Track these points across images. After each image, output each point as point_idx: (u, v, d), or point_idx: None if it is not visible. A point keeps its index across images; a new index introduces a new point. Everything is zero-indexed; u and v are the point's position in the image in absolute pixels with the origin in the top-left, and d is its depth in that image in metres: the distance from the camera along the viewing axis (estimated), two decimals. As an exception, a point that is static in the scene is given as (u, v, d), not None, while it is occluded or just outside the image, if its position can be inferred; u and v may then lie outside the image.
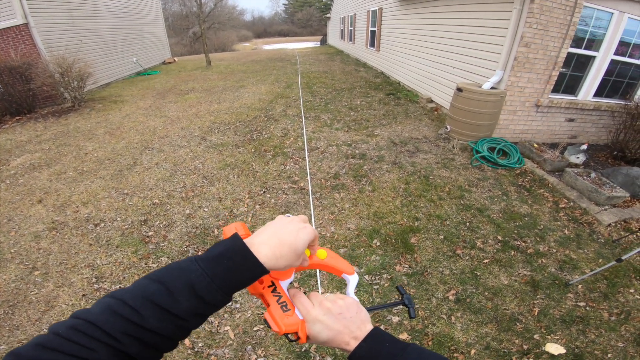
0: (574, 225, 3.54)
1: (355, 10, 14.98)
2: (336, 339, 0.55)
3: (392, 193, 3.98)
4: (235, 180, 4.32)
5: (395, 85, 9.41)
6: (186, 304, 0.45)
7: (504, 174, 4.47)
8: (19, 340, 2.37)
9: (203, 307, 0.46)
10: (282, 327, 0.54)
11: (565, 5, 4.40)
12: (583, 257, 3.10)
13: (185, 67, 15.07)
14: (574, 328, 2.41)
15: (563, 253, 3.13)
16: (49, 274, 2.95)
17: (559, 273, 2.90)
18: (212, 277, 0.46)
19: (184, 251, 3.15)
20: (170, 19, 36.47)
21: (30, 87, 7.89)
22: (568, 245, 3.24)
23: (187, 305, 0.45)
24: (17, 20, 8.15)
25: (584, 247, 3.23)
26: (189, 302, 0.45)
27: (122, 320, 0.42)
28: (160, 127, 6.40)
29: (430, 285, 2.74)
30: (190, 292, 0.45)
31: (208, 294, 0.46)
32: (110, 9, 12.35)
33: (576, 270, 2.94)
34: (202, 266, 0.47)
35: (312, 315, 0.56)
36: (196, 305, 0.45)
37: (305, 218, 0.59)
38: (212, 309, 0.48)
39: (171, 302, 0.44)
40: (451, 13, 6.38)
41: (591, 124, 5.48)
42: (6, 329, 2.46)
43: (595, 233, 3.43)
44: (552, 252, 3.15)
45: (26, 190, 4.35)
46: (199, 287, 0.45)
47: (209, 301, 0.46)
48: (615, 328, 2.42)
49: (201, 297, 0.45)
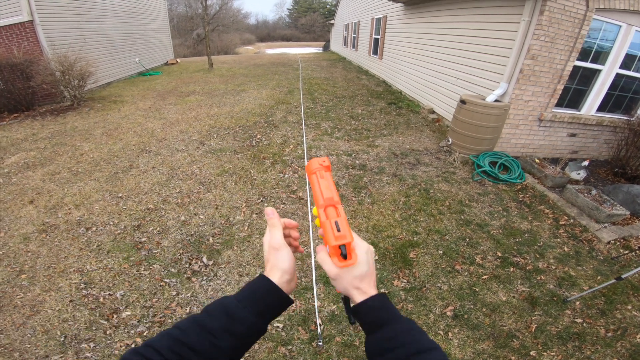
0: (573, 242, 3.50)
1: (359, 17, 15.05)
2: (366, 278, 0.60)
3: (391, 206, 3.92)
4: (232, 188, 4.25)
5: (397, 95, 9.39)
6: (217, 322, 0.53)
7: (505, 189, 4.42)
8: (2, 344, 2.30)
9: (232, 325, 0.53)
10: (333, 238, 0.57)
11: (574, 17, 4.38)
12: (582, 274, 3.08)
13: (187, 69, 15.06)
14: (570, 344, 2.41)
15: (562, 270, 3.11)
16: (36, 278, 2.87)
17: (558, 290, 2.88)
18: (238, 298, 0.57)
19: (177, 259, 3.07)
20: (175, 19, 36.58)
21: (30, 84, 7.83)
22: (567, 262, 3.22)
23: (218, 323, 0.53)
24: (22, 17, 8.10)
25: (583, 264, 3.21)
26: (219, 320, 0.53)
27: (170, 338, 0.51)
28: (159, 130, 6.33)
29: (428, 301, 2.69)
30: (222, 311, 0.55)
31: (236, 311, 0.55)
32: (116, 7, 12.30)
33: (575, 287, 2.93)
34: (233, 295, 0.58)
35: (360, 244, 0.62)
36: (225, 322, 0.53)
37: (268, 218, 0.66)
38: (243, 329, 0.54)
39: (208, 319, 0.54)
40: (457, 23, 6.38)
41: (593, 139, 5.44)
42: None
43: (595, 250, 3.41)
44: (551, 268, 3.12)
45: (18, 189, 4.27)
46: (229, 307, 0.55)
47: (238, 318, 0.54)
48: (611, 344, 2.43)
49: (230, 315, 0.54)
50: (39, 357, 2.24)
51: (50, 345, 2.31)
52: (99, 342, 2.33)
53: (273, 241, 0.63)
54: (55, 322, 2.47)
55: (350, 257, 0.58)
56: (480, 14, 5.64)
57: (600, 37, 4.69)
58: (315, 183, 0.62)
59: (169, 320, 2.48)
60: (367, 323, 0.58)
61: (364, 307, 0.59)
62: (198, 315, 0.55)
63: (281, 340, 2.33)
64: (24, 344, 2.32)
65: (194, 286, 2.79)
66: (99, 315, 2.52)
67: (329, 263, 0.60)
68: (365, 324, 0.59)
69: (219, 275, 2.90)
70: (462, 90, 6.05)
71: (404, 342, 0.54)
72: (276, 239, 0.63)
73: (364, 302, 0.59)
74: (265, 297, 0.58)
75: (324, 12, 61.28)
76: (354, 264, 0.58)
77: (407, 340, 0.54)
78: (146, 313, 2.54)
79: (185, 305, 2.61)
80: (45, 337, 2.36)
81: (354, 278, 0.59)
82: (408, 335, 0.55)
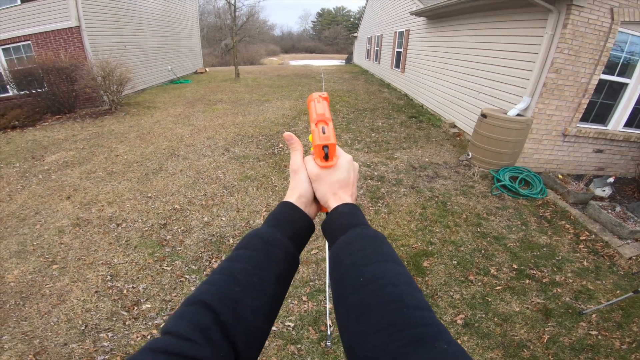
0: (593, 257, 3.44)
1: (382, 30, 15.24)
2: (345, 187, 0.61)
3: (407, 217, 3.96)
4: (254, 193, 4.42)
5: (418, 108, 9.43)
6: (258, 254, 0.50)
7: (525, 204, 4.37)
8: (24, 331, 2.44)
9: (272, 251, 0.51)
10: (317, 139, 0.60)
11: (599, 30, 4.33)
12: (600, 287, 3.03)
13: (215, 78, 15.65)
14: (583, 356, 2.37)
15: (580, 283, 3.06)
16: (67, 269, 3.09)
17: (574, 302, 2.85)
18: (267, 225, 0.57)
19: (199, 257, 3.24)
20: (205, 29, 38.04)
21: (74, 88, 8.33)
22: (586, 276, 3.17)
23: (259, 254, 0.50)
24: (70, 23, 8.62)
25: (603, 278, 3.15)
26: (259, 249, 0.51)
27: (216, 288, 0.45)
28: (187, 135, 6.65)
29: (439, 309, 2.72)
30: (258, 241, 0.52)
31: (270, 237, 0.53)
32: (153, 15, 12.89)
33: (592, 300, 2.88)
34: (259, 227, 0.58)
35: (344, 154, 0.64)
36: (265, 249, 0.51)
37: (289, 143, 0.66)
38: (281, 253, 0.52)
39: (247, 252, 0.51)
40: (480, 37, 6.41)
41: (620, 156, 5.28)
42: (13, 320, 2.55)
43: (615, 265, 3.34)
44: (569, 282, 3.08)
45: (57, 186, 4.60)
46: (262, 235, 0.54)
47: (274, 242, 0.52)
48: (625, 356, 2.38)
49: (267, 241, 0.52)
50: (58, 344, 2.36)
51: (70, 334, 2.44)
52: (117, 332, 2.46)
53: (292, 164, 0.64)
54: (78, 312, 2.63)
55: (331, 159, 0.61)
56: (503, 28, 5.66)
57: (627, 50, 4.60)
58: (312, 107, 0.66)
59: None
60: (333, 231, 0.56)
61: (334, 214, 0.58)
62: (234, 254, 0.51)
63: (291, 338, 2.42)
64: (46, 331, 2.46)
65: (213, 283, 2.92)
66: (121, 307, 2.68)
67: (311, 164, 0.62)
68: (332, 232, 0.56)
69: (237, 274, 3.03)
70: (484, 105, 6.04)
71: (364, 246, 0.50)
72: (295, 162, 0.64)
73: (336, 207, 0.58)
74: (286, 215, 0.58)
75: (347, 24, 62.23)
76: (333, 165, 0.61)
77: (368, 245, 0.50)
78: (165, 306, 2.69)
79: (204, 300, 2.74)
80: (66, 326, 2.50)
81: (333, 182, 0.61)
82: (370, 242, 0.51)
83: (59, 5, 8.45)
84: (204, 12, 38.29)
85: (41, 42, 8.76)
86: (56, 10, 8.52)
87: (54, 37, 8.75)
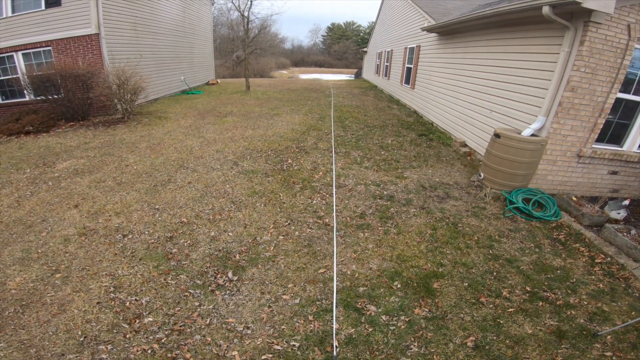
0: (609, 279, 3.34)
1: (392, 46, 15.36)
2: None
3: (417, 237, 3.88)
4: (261, 209, 4.38)
5: (427, 126, 9.38)
6: None
7: (538, 227, 4.26)
8: (21, 340, 2.40)
9: None
10: None
11: (616, 47, 4.25)
12: (616, 309, 2.93)
13: (226, 90, 15.87)
14: None
15: (595, 305, 2.96)
16: (70, 278, 3.05)
17: (588, 324, 2.75)
18: None
19: (204, 272, 3.19)
20: (218, 40, 38.80)
21: (89, 95, 8.47)
22: (601, 298, 3.06)
23: None
24: (90, 30, 8.78)
25: (618, 300, 3.05)
26: None
27: None
28: (197, 148, 6.69)
29: (449, 331, 2.63)
30: None
31: None
32: (169, 25, 13.13)
33: (607, 322, 2.79)
34: None
35: None
36: None
37: None
38: None
39: None
40: (493, 54, 6.36)
41: (634, 178, 5.14)
42: (11, 327, 2.51)
43: (631, 287, 3.23)
44: (583, 304, 2.98)
45: (66, 193, 4.62)
46: None
47: None
48: None
49: None
50: (55, 355, 2.31)
51: (68, 345, 2.38)
52: (117, 345, 2.40)
53: None
54: (78, 322, 2.58)
55: None
56: (517, 45, 5.61)
57: (643, 68, 4.50)
58: None
59: (188, 329, 2.56)
60: None
61: None
62: None
63: (296, 359, 2.34)
64: (43, 340, 2.41)
65: (217, 299, 2.87)
66: (122, 319, 2.63)
67: None
68: None
69: (241, 291, 2.98)
70: (496, 124, 5.97)
71: None
72: None
73: None
74: None
75: (357, 39, 63.03)
76: None
77: None
78: (167, 320, 2.63)
79: (206, 317, 2.68)
80: (65, 336, 2.45)
81: None
82: None
83: (81, 12, 8.60)
84: (217, 23, 39.16)
85: (62, 48, 8.93)
86: (78, 17, 8.68)
87: (73, 43, 8.91)
